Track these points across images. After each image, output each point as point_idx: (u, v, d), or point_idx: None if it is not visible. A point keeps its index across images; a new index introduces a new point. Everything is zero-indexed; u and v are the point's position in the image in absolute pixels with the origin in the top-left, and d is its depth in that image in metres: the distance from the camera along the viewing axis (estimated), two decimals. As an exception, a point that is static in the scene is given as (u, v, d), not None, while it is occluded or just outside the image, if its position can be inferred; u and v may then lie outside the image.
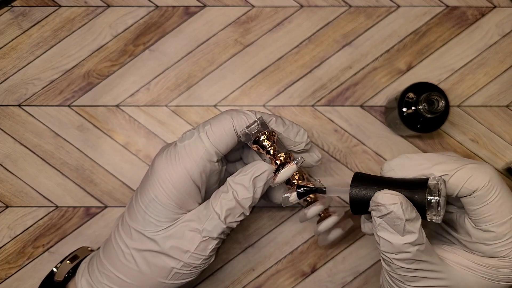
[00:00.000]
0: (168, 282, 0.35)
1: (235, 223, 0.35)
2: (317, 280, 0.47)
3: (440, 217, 0.29)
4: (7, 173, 0.48)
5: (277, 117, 0.37)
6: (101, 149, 0.48)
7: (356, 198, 0.31)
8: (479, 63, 0.49)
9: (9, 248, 0.48)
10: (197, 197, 0.35)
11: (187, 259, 0.34)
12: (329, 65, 0.49)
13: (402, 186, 0.30)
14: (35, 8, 0.50)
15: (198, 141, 0.34)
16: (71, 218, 0.48)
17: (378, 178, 0.32)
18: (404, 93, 0.45)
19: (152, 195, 0.34)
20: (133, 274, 0.35)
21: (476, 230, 0.30)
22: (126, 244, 0.35)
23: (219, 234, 0.34)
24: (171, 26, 0.50)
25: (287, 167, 0.35)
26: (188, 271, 0.35)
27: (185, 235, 0.34)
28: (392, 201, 0.29)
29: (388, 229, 0.30)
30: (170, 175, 0.34)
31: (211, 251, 0.35)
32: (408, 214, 0.29)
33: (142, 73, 0.49)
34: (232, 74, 0.49)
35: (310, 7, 0.50)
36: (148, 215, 0.34)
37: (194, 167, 0.34)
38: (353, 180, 0.32)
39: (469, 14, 0.50)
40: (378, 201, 0.29)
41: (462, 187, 0.29)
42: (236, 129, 0.35)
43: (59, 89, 0.49)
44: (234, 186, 0.34)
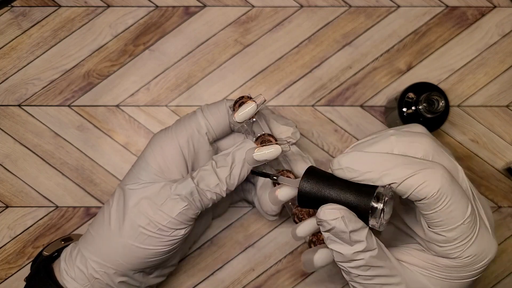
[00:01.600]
0: (134, 243, 0.35)
1: (209, 193, 0.35)
2: (317, 280, 0.47)
3: (382, 225, 0.30)
4: (7, 173, 0.48)
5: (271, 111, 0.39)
6: (101, 149, 0.48)
7: (304, 192, 0.32)
8: (479, 63, 0.49)
9: (9, 248, 0.48)
10: (182, 169, 0.37)
11: (153, 215, 0.35)
12: (329, 65, 0.49)
13: (350, 190, 0.31)
14: (35, 8, 0.50)
15: (193, 115, 0.38)
16: (71, 218, 0.48)
17: (329, 176, 0.32)
18: (404, 93, 0.45)
19: (141, 155, 0.37)
20: (105, 232, 0.36)
21: (428, 231, 0.31)
22: (108, 202, 0.37)
23: (188, 193, 0.35)
24: (171, 26, 0.50)
25: (246, 103, 0.35)
26: (153, 233, 0.35)
27: (157, 191, 0.35)
28: (333, 216, 0.29)
29: (337, 241, 0.30)
30: (161, 139, 0.37)
31: (178, 214, 0.35)
32: (352, 225, 0.29)
33: (142, 73, 0.49)
34: (232, 74, 0.49)
35: (310, 7, 0.50)
36: (132, 171, 0.37)
37: (183, 134, 0.37)
38: (305, 174, 0.32)
39: (469, 14, 0.50)
40: (320, 218, 0.30)
41: (410, 194, 0.29)
42: (228, 109, 0.37)
43: (59, 89, 0.49)
44: (215, 158, 0.36)
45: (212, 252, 0.48)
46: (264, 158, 0.35)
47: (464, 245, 0.30)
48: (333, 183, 0.31)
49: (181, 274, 0.47)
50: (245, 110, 0.35)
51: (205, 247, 0.48)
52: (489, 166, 0.49)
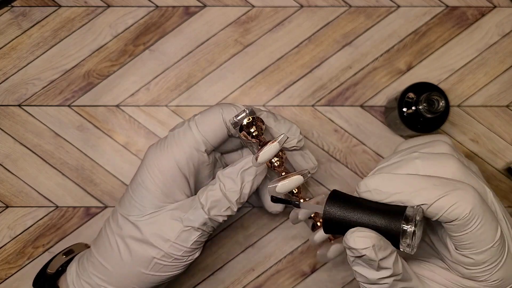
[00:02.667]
0: (149, 273, 0.35)
1: (221, 217, 0.34)
2: (317, 280, 0.47)
3: (413, 248, 0.29)
4: (7, 173, 0.48)
5: (270, 112, 0.36)
6: (101, 149, 0.48)
7: (329, 218, 0.30)
8: (479, 63, 0.49)
9: (9, 248, 0.48)
10: (184, 188, 0.35)
11: (168, 248, 0.34)
12: (329, 65, 0.49)
13: (378, 213, 0.29)
14: (35, 8, 0.50)
15: (187, 130, 0.35)
16: (71, 218, 0.48)
17: (354, 200, 0.30)
18: (404, 93, 0.45)
19: (139, 180, 0.35)
20: (116, 261, 0.35)
21: (455, 253, 0.30)
22: (112, 230, 0.35)
23: (201, 224, 0.34)
24: (171, 26, 0.50)
25: (269, 145, 0.33)
26: (169, 262, 0.35)
27: (167, 223, 0.34)
28: (365, 245, 0.28)
29: (362, 265, 0.29)
30: (157, 161, 0.34)
31: (192, 243, 0.34)
32: (381, 253, 0.28)
33: (142, 73, 0.49)
34: (232, 74, 0.49)
35: (310, 7, 0.50)
36: (134, 200, 0.35)
37: (181, 155, 0.34)
38: (329, 199, 0.31)
39: (469, 14, 0.50)
40: (349, 245, 0.29)
41: (441, 216, 0.28)
42: (225, 120, 0.35)
43: (59, 89, 0.49)
44: (222, 179, 0.34)
45: (212, 252, 0.48)
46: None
47: (492, 268, 0.29)
48: (360, 206, 0.30)
49: (181, 274, 0.47)
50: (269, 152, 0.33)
51: (205, 247, 0.48)
52: (489, 166, 0.49)
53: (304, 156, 0.39)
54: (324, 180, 0.48)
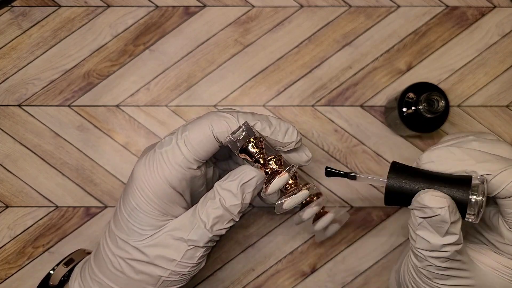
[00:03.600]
0: None
1: (224, 230, 0.34)
2: (317, 280, 0.47)
3: (478, 218, 0.29)
4: (7, 173, 0.48)
5: (262, 119, 0.35)
6: (101, 149, 0.48)
7: (393, 189, 0.30)
8: (479, 63, 0.49)
9: (9, 248, 0.48)
10: (181, 202, 0.34)
11: (174, 267, 0.34)
12: (329, 65, 0.49)
13: (444, 182, 0.29)
14: (35, 8, 0.50)
15: (176, 149, 0.33)
16: (71, 218, 0.48)
17: (417, 170, 0.30)
18: (404, 93, 0.45)
19: (134, 204, 0.33)
20: (123, 281, 0.34)
21: (510, 233, 0.30)
22: (113, 253, 0.35)
23: (205, 243, 0.34)
24: (171, 26, 0.50)
25: (278, 177, 0.32)
26: (177, 278, 0.34)
27: (170, 244, 0.33)
28: (440, 204, 0.28)
29: (428, 229, 0.29)
30: (149, 183, 0.33)
31: (199, 258, 0.34)
32: (453, 216, 0.28)
33: (142, 73, 0.49)
34: (232, 74, 0.49)
35: (310, 7, 0.50)
36: (131, 223, 0.34)
37: (173, 175, 0.33)
38: (391, 170, 0.30)
39: (469, 14, 0.50)
40: (424, 203, 0.28)
41: (503, 188, 0.28)
42: (216, 135, 0.33)
43: (59, 89, 0.49)
44: (222, 193, 0.33)
45: (212, 252, 0.48)
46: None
47: None
48: (423, 176, 0.29)
49: (181, 274, 0.48)
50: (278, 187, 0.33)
51: (205, 247, 0.48)
52: (489, 166, 0.49)
53: (297, 149, 0.37)
54: (324, 180, 0.48)
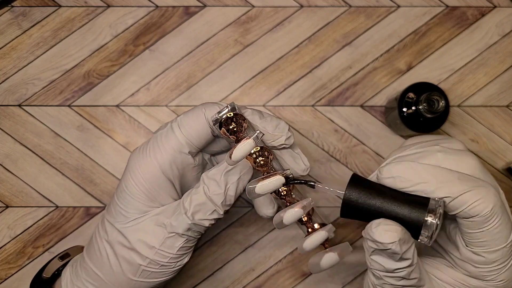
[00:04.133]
0: (138, 280, 0.34)
1: (207, 221, 0.33)
2: (317, 280, 0.47)
3: (432, 240, 0.28)
4: (7, 173, 0.48)
5: (256, 110, 0.34)
6: (101, 149, 0.48)
7: (350, 203, 0.29)
8: (479, 63, 0.49)
9: (9, 248, 0.48)
10: (170, 191, 0.34)
11: (153, 255, 0.33)
12: (329, 65, 0.49)
13: (401, 202, 0.29)
14: (35, 8, 0.50)
15: (170, 131, 0.33)
16: (71, 218, 0.48)
17: (376, 186, 0.30)
18: (404, 93, 0.45)
19: (123, 186, 0.34)
20: (106, 268, 0.35)
21: (466, 250, 0.30)
22: (100, 236, 0.35)
23: (185, 230, 0.33)
24: (171, 26, 0.50)
25: (243, 142, 0.31)
26: (156, 269, 0.34)
27: (151, 229, 0.33)
28: (391, 239, 0.28)
29: (382, 255, 0.29)
30: (140, 165, 0.33)
31: (178, 249, 0.34)
32: (405, 246, 0.28)
33: (142, 73, 0.49)
34: (232, 74, 0.49)
35: (310, 7, 0.50)
36: (119, 206, 0.34)
37: (164, 158, 0.33)
38: (350, 183, 0.30)
39: (469, 14, 0.50)
40: (375, 239, 0.28)
41: (462, 210, 0.28)
42: (208, 119, 0.33)
43: (59, 89, 0.49)
44: (207, 181, 0.33)
45: (212, 252, 0.48)
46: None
47: (501, 268, 0.29)
48: (382, 193, 0.29)
49: (181, 274, 0.47)
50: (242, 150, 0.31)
51: (205, 247, 0.48)
52: (489, 166, 0.49)
53: (295, 156, 0.36)
54: (324, 180, 0.48)
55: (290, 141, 0.35)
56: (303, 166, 0.36)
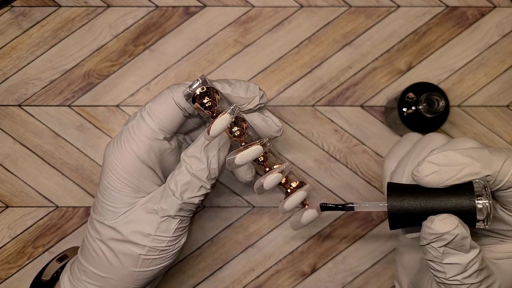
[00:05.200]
0: (140, 270, 0.34)
1: (196, 199, 0.33)
2: (317, 280, 0.47)
3: (489, 222, 0.28)
4: (7, 173, 0.48)
5: (221, 80, 0.34)
6: (101, 149, 0.48)
7: (396, 212, 0.28)
8: (479, 63, 0.49)
9: (9, 248, 0.48)
10: (153, 178, 0.34)
11: (151, 243, 0.33)
12: (329, 65, 0.49)
13: (444, 194, 0.28)
14: (35, 8, 0.50)
15: (141, 121, 0.33)
16: (71, 218, 0.48)
17: (414, 188, 0.29)
18: (404, 93, 0.45)
19: (105, 183, 0.34)
20: (106, 267, 0.34)
21: None
22: (92, 237, 0.35)
23: (177, 211, 0.33)
24: (171, 26, 0.50)
25: (220, 117, 0.31)
26: (157, 255, 0.34)
27: (143, 218, 0.33)
28: (453, 225, 0.27)
29: (454, 253, 0.28)
30: (118, 159, 0.33)
31: (174, 231, 0.34)
32: (468, 229, 0.28)
33: (142, 73, 0.49)
34: (232, 74, 0.49)
35: (310, 7, 0.50)
36: (104, 203, 0.34)
37: (140, 148, 0.33)
38: (389, 192, 0.29)
39: (469, 14, 0.50)
40: (439, 231, 0.27)
41: (507, 180, 0.28)
42: (177, 102, 0.33)
43: (59, 89, 0.49)
44: (188, 160, 0.33)
45: (212, 252, 0.48)
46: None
47: None
48: (423, 192, 0.28)
49: (181, 274, 0.48)
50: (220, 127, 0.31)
51: (205, 247, 0.48)
52: (489, 166, 0.49)
53: (266, 120, 0.36)
54: (324, 180, 0.48)
55: (264, 99, 0.35)
56: (275, 127, 0.36)
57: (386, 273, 0.48)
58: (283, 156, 0.49)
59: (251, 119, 0.36)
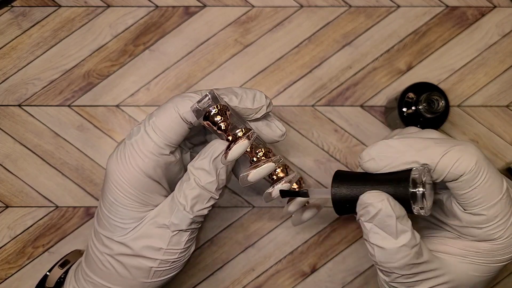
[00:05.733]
0: (151, 281, 0.34)
1: (206, 210, 0.33)
2: (317, 280, 0.47)
3: (427, 209, 0.28)
4: (7, 173, 0.48)
5: (227, 91, 0.34)
6: (101, 149, 0.48)
7: (339, 198, 0.30)
8: (479, 63, 0.49)
9: (9, 248, 0.48)
10: (160, 190, 0.34)
11: (162, 256, 0.33)
12: (329, 65, 0.49)
13: (383, 181, 0.29)
14: (35, 8, 0.50)
15: (146, 137, 0.32)
16: (71, 218, 0.48)
17: (359, 174, 0.31)
18: (404, 93, 0.45)
19: (111, 199, 0.33)
20: (115, 279, 0.34)
21: (465, 214, 0.29)
22: (100, 252, 0.34)
23: (188, 225, 0.33)
24: (171, 26, 0.50)
25: (238, 143, 0.31)
26: (168, 266, 0.34)
27: (154, 233, 0.33)
28: (379, 198, 0.28)
29: (380, 234, 0.29)
30: (123, 176, 0.32)
31: (186, 242, 0.34)
32: (397, 211, 0.28)
33: (142, 73, 0.49)
34: (232, 74, 0.49)
35: (310, 7, 0.50)
36: (112, 219, 0.33)
37: (146, 164, 0.32)
38: (334, 179, 0.31)
39: (469, 14, 0.50)
40: (364, 202, 0.28)
41: (448, 172, 0.28)
42: (183, 116, 0.32)
43: (59, 89, 0.49)
44: (195, 172, 0.33)
45: (212, 252, 0.48)
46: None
47: (504, 223, 0.29)
48: (366, 180, 0.30)
49: (181, 274, 0.47)
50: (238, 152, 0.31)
51: (205, 247, 0.48)
52: (489, 166, 0.49)
53: (270, 125, 0.36)
54: (324, 180, 0.48)
55: (271, 107, 0.35)
56: (279, 132, 0.36)
57: (386, 273, 0.48)
58: (284, 157, 0.49)
59: (255, 123, 0.36)
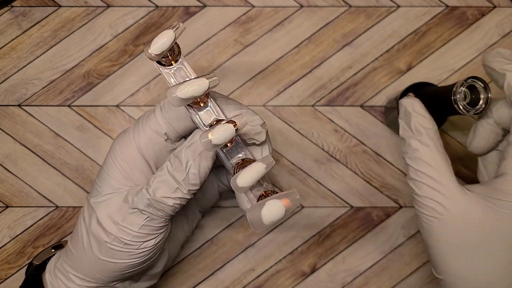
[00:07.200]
0: (104, 259, 0.34)
1: (170, 200, 0.32)
2: (317, 280, 0.47)
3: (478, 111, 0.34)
4: (7, 173, 0.48)
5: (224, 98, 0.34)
6: (101, 149, 0.49)
7: None
8: (480, 63, 0.49)
9: (9, 248, 0.48)
10: (146, 171, 0.34)
11: (117, 232, 0.33)
12: (329, 65, 0.49)
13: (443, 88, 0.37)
14: (35, 8, 0.50)
15: (151, 114, 0.34)
16: (71, 218, 0.48)
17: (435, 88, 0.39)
18: (404, 93, 0.45)
19: (103, 165, 0.35)
20: (79, 246, 0.35)
21: None
22: (80, 215, 0.36)
23: (145, 206, 0.33)
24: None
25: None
26: (121, 248, 0.34)
27: (117, 205, 0.33)
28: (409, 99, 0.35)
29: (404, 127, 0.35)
30: (119, 145, 0.34)
31: (140, 227, 0.33)
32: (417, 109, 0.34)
33: (142, 73, 0.49)
34: (232, 74, 0.49)
35: (310, 7, 0.50)
36: (97, 184, 0.35)
37: (140, 137, 0.34)
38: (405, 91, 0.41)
39: (469, 14, 0.50)
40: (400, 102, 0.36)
41: None
42: None
43: (59, 89, 0.49)
44: (171, 159, 0.33)
45: (212, 252, 0.48)
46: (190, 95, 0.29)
47: None
48: None
49: (181, 274, 0.47)
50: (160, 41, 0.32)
51: (205, 247, 0.48)
52: (489, 166, 0.49)
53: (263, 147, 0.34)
54: (324, 180, 0.48)
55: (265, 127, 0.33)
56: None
57: (386, 273, 0.48)
58: (284, 157, 0.49)
59: None
